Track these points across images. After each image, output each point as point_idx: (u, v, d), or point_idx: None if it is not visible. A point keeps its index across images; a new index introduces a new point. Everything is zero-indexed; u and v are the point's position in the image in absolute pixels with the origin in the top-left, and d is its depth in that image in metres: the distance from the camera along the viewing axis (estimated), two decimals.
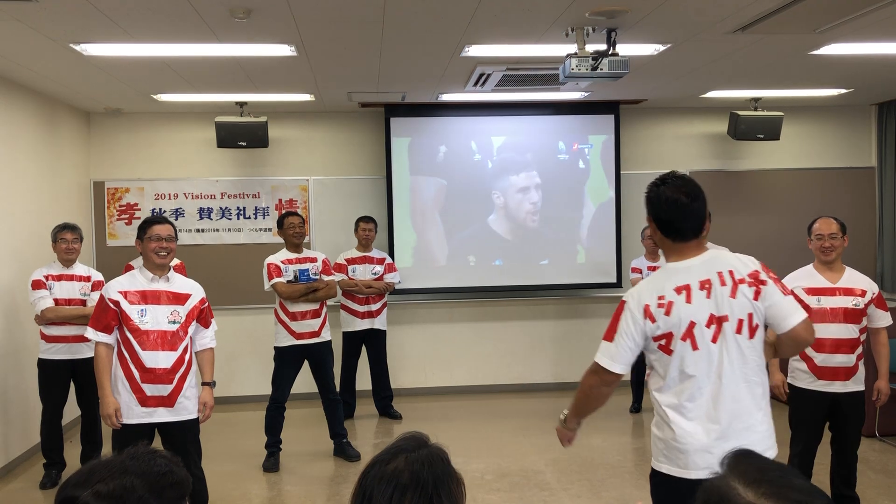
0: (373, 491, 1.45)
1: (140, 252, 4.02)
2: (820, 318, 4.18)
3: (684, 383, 2.59)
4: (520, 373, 7.89)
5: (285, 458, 5.73)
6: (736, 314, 2.58)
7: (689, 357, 2.57)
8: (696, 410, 2.57)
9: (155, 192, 7.54)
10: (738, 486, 1.15)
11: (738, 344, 2.58)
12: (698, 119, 8.05)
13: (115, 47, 4.91)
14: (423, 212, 7.62)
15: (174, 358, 3.91)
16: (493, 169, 7.65)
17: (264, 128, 7.05)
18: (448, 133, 7.62)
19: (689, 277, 2.60)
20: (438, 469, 1.47)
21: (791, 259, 5.22)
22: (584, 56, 4.63)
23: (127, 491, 1.30)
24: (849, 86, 7.00)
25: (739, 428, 2.58)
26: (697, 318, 2.56)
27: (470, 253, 7.67)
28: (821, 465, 4.35)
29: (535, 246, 7.71)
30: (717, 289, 2.58)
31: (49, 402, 5.33)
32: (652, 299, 2.59)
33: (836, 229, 4.27)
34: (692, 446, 2.56)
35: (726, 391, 2.57)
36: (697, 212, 2.63)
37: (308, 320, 5.66)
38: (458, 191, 7.62)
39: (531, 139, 7.68)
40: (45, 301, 5.20)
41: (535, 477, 5.29)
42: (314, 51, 5.13)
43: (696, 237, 2.66)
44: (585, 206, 7.74)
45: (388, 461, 1.48)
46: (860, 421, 4.31)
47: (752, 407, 2.62)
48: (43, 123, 6.44)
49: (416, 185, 7.59)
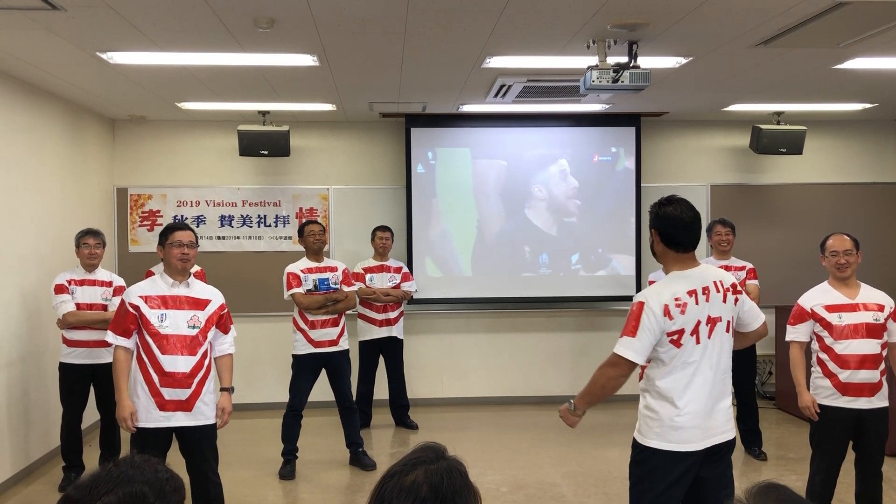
0: (391, 502, 1.44)
1: (161, 258, 4.06)
2: (843, 335, 4.14)
3: (685, 370, 3.06)
4: (537, 384, 7.86)
5: (301, 465, 5.74)
6: (725, 316, 3.14)
7: (691, 349, 3.06)
8: (691, 394, 3.06)
9: (177, 199, 7.61)
10: None
11: (723, 341, 3.14)
12: (720, 132, 8.01)
13: (141, 56, 4.97)
14: (442, 221, 7.63)
15: (193, 362, 3.93)
16: (513, 181, 7.64)
17: (286, 137, 7.10)
18: (467, 143, 7.63)
19: (694, 284, 3.10)
20: (457, 482, 1.46)
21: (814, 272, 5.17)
22: (606, 68, 4.62)
23: (137, 499, 1.28)
24: (872, 101, 6.94)
25: (718, 408, 3.12)
26: (702, 317, 3.07)
27: (487, 263, 7.67)
28: (842, 483, 4.30)
29: (561, 255, 7.70)
30: (714, 294, 3.11)
31: (69, 405, 5.38)
32: (669, 300, 3.04)
33: (850, 246, 4.23)
34: (688, 424, 3.05)
35: (714, 379, 3.10)
36: (697, 229, 3.15)
37: (327, 329, 5.68)
38: (476, 201, 7.63)
39: (552, 150, 7.67)
40: (67, 305, 5.25)
41: (552, 489, 5.26)
42: (336, 61, 5.16)
43: (694, 250, 3.18)
44: (608, 218, 7.72)
45: (406, 472, 1.46)
46: (884, 437, 4.26)
47: (727, 392, 3.18)
48: (68, 130, 6.53)
49: (433, 193, 7.60)
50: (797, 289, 4.59)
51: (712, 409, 3.09)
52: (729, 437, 3.18)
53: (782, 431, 6.68)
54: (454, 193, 7.64)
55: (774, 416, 7.11)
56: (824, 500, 4.21)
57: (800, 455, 5.72)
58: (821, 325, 4.23)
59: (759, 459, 5.89)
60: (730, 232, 6.13)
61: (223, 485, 4.17)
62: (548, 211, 7.69)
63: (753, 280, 6.08)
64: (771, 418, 6.95)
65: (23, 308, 5.69)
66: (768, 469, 5.71)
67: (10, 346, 5.52)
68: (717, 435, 3.13)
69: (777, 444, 6.29)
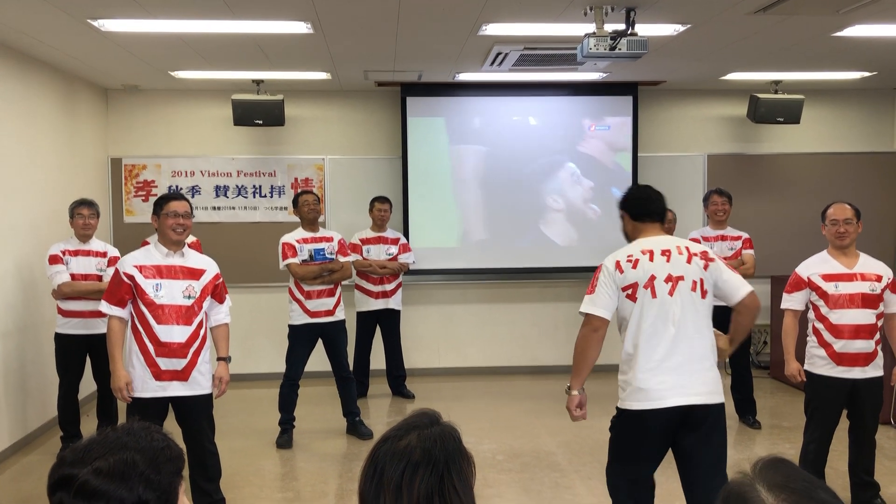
0: (384, 466, 1.45)
1: (156, 228, 4.04)
2: (838, 305, 4.16)
3: (643, 326, 3.20)
4: (533, 354, 7.89)
5: (298, 435, 5.77)
6: (690, 276, 3.23)
7: (648, 303, 3.20)
8: (652, 350, 3.17)
9: (172, 169, 7.56)
10: (761, 489, 1.15)
11: (693, 300, 3.22)
12: (717, 101, 7.96)
13: (133, 23, 4.91)
14: (438, 191, 7.60)
15: (189, 332, 3.94)
16: (510, 150, 7.60)
17: (281, 106, 7.04)
18: (464, 112, 7.58)
19: (652, 245, 3.30)
20: (450, 447, 1.47)
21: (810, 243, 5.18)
22: (603, 36, 4.58)
23: (128, 466, 1.28)
24: (871, 69, 6.89)
25: (694, 369, 3.18)
26: (657, 273, 3.21)
27: (484, 233, 7.65)
28: (835, 451, 4.34)
29: (556, 228, 7.68)
30: (675, 256, 3.26)
31: (65, 376, 5.39)
32: (622, 257, 3.28)
33: (850, 214, 4.22)
34: (651, 380, 3.16)
35: (683, 335, 3.18)
36: (660, 202, 3.41)
37: (323, 299, 5.68)
38: (473, 170, 7.60)
39: (549, 119, 7.63)
40: (62, 276, 5.24)
41: (547, 458, 5.30)
42: (330, 28, 5.11)
43: (660, 221, 3.40)
44: (604, 187, 7.69)
45: (400, 437, 1.48)
46: (878, 406, 4.30)
47: (705, 352, 3.22)
48: (61, 100, 6.47)
49: (430, 163, 7.57)
50: (793, 259, 4.60)
51: (684, 368, 3.16)
52: (707, 400, 3.17)
53: (776, 400, 6.72)
54: (450, 163, 7.59)
55: (769, 386, 7.16)
56: (817, 467, 4.26)
57: (794, 424, 5.76)
58: (817, 293, 4.24)
59: (754, 428, 5.93)
60: (726, 202, 6.11)
61: (220, 454, 4.20)
62: (544, 179, 7.65)
63: (749, 250, 6.08)
64: (765, 387, 6.99)
65: (18, 279, 5.67)
66: (762, 438, 5.75)
67: (6, 317, 5.52)
68: (692, 395, 3.15)
69: (771, 413, 6.33)
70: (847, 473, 4.34)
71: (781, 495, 1.13)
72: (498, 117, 7.61)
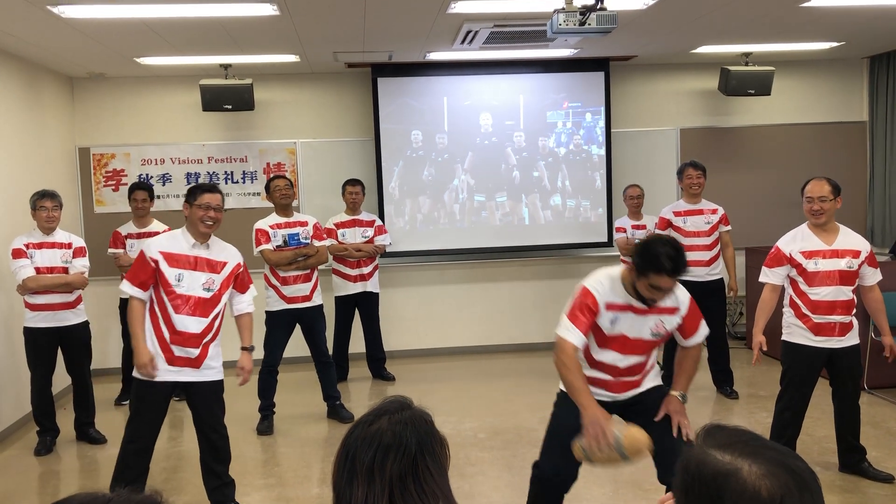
0: (356, 451, 1.45)
1: (186, 216, 4.05)
2: (816, 282, 4.19)
3: None
4: (512, 333, 7.92)
5: (279, 420, 5.75)
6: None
7: None
8: None
9: (142, 157, 7.45)
10: (713, 452, 1.21)
11: None
12: (689, 75, 7.98)
13: (94, 9, 4.80)
14: (413, 173, 7.56)
15: (204, 324, 3.98)
16: (483, 129, 7.58)
17: (250, 90, 6.96)
18: (436, 92, 7.53)
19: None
20: (422, 430, 1.47)
21: (782, 215, 5.22)
22: (572, 11, 4.54)
23: None
24: (840, 39, 6.92)
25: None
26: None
27: (460, 214, 7.64)
28: (809, 418, 4.39)
29: (531, 207, 7.69)
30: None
31: (37, 370, 5.30)
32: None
33: (826, 192, 4.22)
34: None
35: None
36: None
37: (299, 284, 5.64)
38: (447, 151, 7.57)
39: (521, 97, 7.61)
40: (27, 270, 5.12)
41: (529, 434, 5.32)
42: (297, 9, 5.03)
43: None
44: (578, 164, 7.70)
45: (370, 422, 1.49)
46: (859, 372, 4.39)
47: None
48: (24, 89, 6.34)
49: (403, 144, 7.53)
50: (767, 230, 4.63)
51: None
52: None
53: (753, 371, 6.79)
54: (423, 144, 7.56)
55: (745, 356, 7.23)
56: (794, 432, 4.32)
57: (770, 393, 5.81)
58: (797, 270, 4.26)
59: (731, 398, 6.00)
60: (701, 175, 6.13)
61: None
62: (519, 158, 7.65)
63: (726, 227, 6.10)
64: (742, 358, 7.06)
65: None
66: (740, 407, 5.82)
67: None
68: None
69: (748, 383, 6.40)
70: (822, 440, 4.41)
71: (736, 451, 1.20)
72: (470, 96, 7.57)
